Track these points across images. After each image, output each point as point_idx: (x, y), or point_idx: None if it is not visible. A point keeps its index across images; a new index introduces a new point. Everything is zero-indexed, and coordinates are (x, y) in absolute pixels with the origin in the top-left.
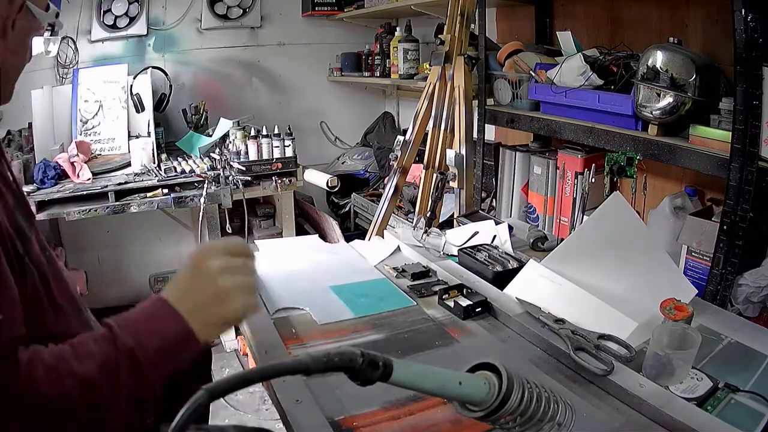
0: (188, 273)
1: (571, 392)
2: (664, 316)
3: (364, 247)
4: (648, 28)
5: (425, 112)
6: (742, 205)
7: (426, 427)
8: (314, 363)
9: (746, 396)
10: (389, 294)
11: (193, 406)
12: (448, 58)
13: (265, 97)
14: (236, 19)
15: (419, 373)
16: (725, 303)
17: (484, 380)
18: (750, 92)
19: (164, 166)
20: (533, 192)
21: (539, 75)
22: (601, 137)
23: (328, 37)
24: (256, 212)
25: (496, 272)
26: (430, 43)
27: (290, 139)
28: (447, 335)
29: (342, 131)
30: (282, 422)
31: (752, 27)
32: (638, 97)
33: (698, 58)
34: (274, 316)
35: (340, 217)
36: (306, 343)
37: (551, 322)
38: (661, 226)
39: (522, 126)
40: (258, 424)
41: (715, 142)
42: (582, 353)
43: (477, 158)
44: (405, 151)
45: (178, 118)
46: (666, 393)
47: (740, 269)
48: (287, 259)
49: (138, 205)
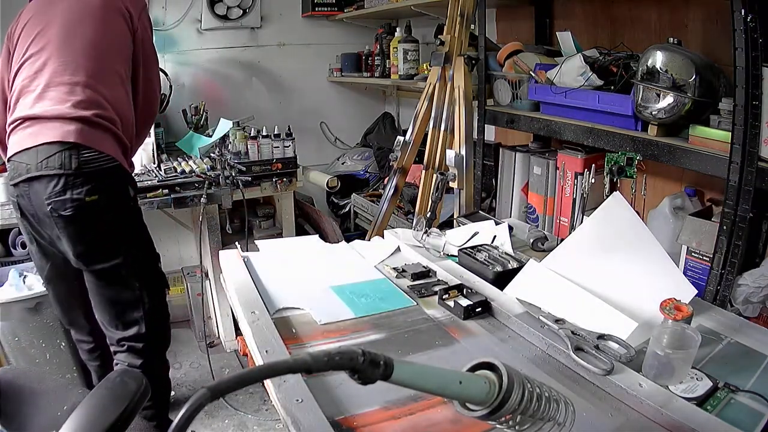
0: None
1: (571, 392)
2: (664, 316)
3: (364, 247)
4: (648, 28)
5: (425, 113)
6: (742, 205)
7: (426, 427)
8: (315, 362)
9: (746, 396)
10: (389, 294)
11: (195, 405)
12: (448, 58)
13: (265, 98)
14: (236, 20)
15: (420, 372)
16: (725, 303)
17: (484, 379)
18: (750, 92)
19: (164, 166)
20: (533, 192)
21: (539, 75)
22: (601, 138)
23: (328, 37)
24: (256, 212)
25: (496, 272)
26: (430, 44)
27: (290, 139)
28: (447, 335)
29: (342, 132)
30: (282, 422)
31: (752, 27)
32: (638, 97)
33: (698, 58)
34: (274, 316)
35: (340, 218)
36: (306, 343)
37: (551, 322)
38: (661, 226)
39: (522, 126)
40: (258, 424)
41: (715, 142)
42: (582, 353)
43: (477, 159)
44: (405, 151)
45: (178, 118)
46: (666, 393)
47: (740, 269)
48: (287, 259)
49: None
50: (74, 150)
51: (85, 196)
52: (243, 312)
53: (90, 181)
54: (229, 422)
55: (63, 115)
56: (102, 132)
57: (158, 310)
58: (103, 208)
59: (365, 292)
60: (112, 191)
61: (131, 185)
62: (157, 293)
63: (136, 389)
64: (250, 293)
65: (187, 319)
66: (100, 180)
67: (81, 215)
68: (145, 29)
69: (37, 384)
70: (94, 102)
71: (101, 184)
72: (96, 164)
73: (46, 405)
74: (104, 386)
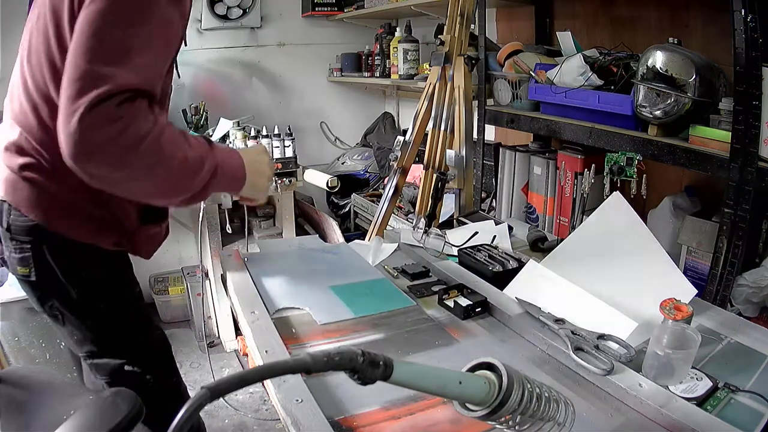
0: (257, 153)
1: (571, 392)
2: (664, 316)
3: (364, 247)
4: (648, 28)
5: (425, 113)
6: (742, 205)
7: (426, 427)
8: (315, 362)
9: (746, 396)
10: (389, 294)
11: (195, 405)
12: (448, 58)
13: (265, 98)
14: (236, 20)
15: (419, 372)
16: (725, 303)
17: (484, 379)
18: (750, 92)
19: None
20: (533, 192)
21: (539, 75)
22: (601, 138)
23: (328, 37)
24: (256, 212)
25: (496, 272)
26: (430, 44)
27: (290, 139)
28: (447, 335)
29: (342, 131)
30: (282, 422)
31: (752, 27)
32: (638, 97)
33: (698, 58)
34: (274, 316)
35: (340, 218)
36: (306, 343)
37: (551, 322)
38: (661, 226)
39: (522, 126)
40: (258, 424)
41: (715, 143)
42: (582, 353)
43: (477, 158)
44: (405, 151)
45: (178, 118)
46: (666, 393)
47: (740, 269)
48: (287, 259)
49: None
50: (5, 204)
51: (17, 265)
52: (243, 312)
53: (22, 251)
54: (229, 422)
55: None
56: (33, 191)
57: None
58: (39, 287)
59: (365, 292)
60: (48, 268)
61: (86, 260)
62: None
63: (127, 411)
64: (250, 293)
65: (187, 319)
66: (32, 251)
67: (21, 282)
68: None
69: (46, 383)
70: (27, 149)
71: (34, 257)
72: (26, 233)
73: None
74: (94, 404)
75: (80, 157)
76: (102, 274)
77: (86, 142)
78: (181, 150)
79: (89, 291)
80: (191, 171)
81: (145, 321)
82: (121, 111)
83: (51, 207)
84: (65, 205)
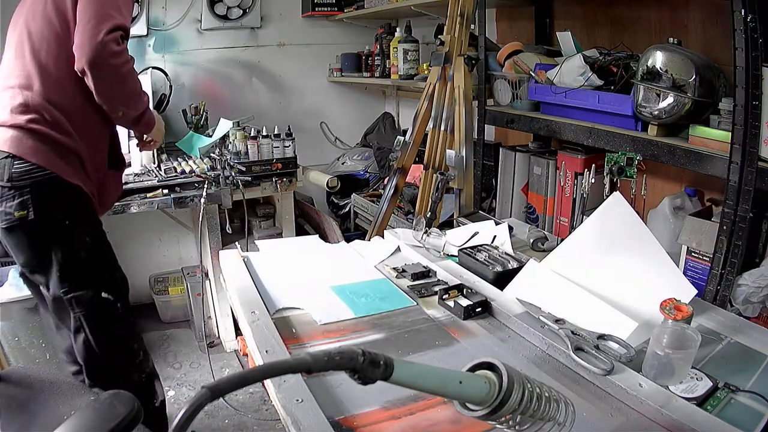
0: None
1: (571, 392)
2: (664, 316)
3: (364, 247)
4: (648, 29)
5: (425, 113)
6: (742, 205)
7: (426, 427)
8: (315, 362)
9: (746, 396)
10: (389, 294)
11: (195, 404)
12: (448, 58)
13: (265, 98)
14: (236, 20)
15: (420, 372)
16: (725, 303)
17: (484, 379)
18: (750, 92)
19: (164, 166)
20: (533, 192)
21: (539, 75)
22: (601, 138)
23: (328, 37)
24: (256, 212)
25: (496, 272)
26: (430, 44)
27: (290, 139)
28: (447, 335)
29: (342, 132)
30: (282, 422)
31: (752, 27)
32: (638, 97)
33: (698, 58)
34: (274, 316)
35: (340, 218)
36: (306, 343)
37: (551, 322)
38: (661, 226)
39: (522, 126)
40: (258, 424)
41: (715, 143)
42: (582, 353)
43: (477, 159)
44: (405, 151)
45: (178, 118)
46: (666, 393)
47: (740, 269)
48: (287, 259)
49: (138, 205)
50: (8, 160)
51: (15, 210)
52: (243, 312)
53: (21, 195)
54: (229, 422)
55: (2, 122)
56: (36, 140)
57: (101, 341)
58: (34, 225)
59: (365, 292)
60: (44, 207)
61: (73, 200)
62: (101, 323)
63: (125, 414)
64: (250, 293)
65: (187, 319)
66: (31, 194)
67: (14, 230)
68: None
69: (46, 383)
70: (33, 106)
71: (33, 199)
72: (28, 177)
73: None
74: (92, 406)
75: (100, 58)
76: (86, 209)
77: (107, 50)
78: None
79: (79, 225)
80: (142, 92)
81: (114, 258)
82: (122, 42)
83: (51, 152)
84: (63, 151)
